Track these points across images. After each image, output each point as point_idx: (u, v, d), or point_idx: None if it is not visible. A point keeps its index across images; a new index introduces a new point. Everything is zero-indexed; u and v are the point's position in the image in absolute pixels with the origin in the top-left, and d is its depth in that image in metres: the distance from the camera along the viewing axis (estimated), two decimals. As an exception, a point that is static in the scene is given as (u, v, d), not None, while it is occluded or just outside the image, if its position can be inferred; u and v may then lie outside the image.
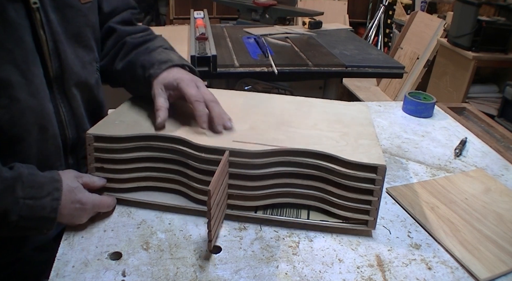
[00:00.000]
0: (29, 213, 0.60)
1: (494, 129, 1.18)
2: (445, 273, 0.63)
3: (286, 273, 0.61)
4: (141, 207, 0.73)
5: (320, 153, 0.67)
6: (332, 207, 0.70)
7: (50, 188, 0.63)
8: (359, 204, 0.68)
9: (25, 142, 0.68)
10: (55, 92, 0.73)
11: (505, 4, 2.71)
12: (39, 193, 0.61)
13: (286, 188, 0.71)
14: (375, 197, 0.67)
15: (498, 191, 0.83)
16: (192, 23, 2.02)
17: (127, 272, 0.59)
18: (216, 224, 0.64)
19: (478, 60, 2.52)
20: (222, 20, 4.35)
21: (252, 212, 0.71)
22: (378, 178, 0.66)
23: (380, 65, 1.74)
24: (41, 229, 0.63)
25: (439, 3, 3.44)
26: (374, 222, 0.68)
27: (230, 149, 0.66)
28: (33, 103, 0.68)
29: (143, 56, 0.82)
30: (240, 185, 0.69)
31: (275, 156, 0.68)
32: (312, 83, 1.86)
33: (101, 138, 0.70)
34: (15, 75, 0.65)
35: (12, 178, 0.61)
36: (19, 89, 0.65)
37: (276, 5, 2.53)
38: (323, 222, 0.70)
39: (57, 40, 0.71)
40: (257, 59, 1.68)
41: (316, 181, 0.70)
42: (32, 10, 0.66)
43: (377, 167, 0.65)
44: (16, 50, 0.65)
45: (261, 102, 0.88)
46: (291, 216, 0.71)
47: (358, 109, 0.88)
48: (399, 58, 3.04)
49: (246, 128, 0.74)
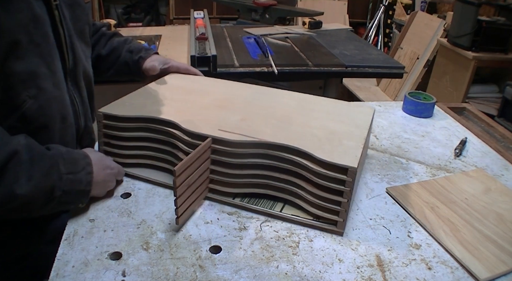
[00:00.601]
0: (70, 188, 0.65)
1: (494, 129, 1.18)
2: (445, 273, 0.63)
3: (286, 273, 0.61)
4: (136, 179, 0.81)
5: (296, 149, 0.69)
6: (305, 203, 0.71)
7: (83, 163, 0.69)
8: (330, 203, 0.68)
9: (51, 130, 0.74)
10: (69, 83, 0.80)
11: (505, 4, 2.71)
12: (76, 169, 0.67)
13: (263, 180, 0.73)
14: (345, 199, 0.67)
15: (498, 191, 0.83)
16: (192, 23, 2.02)
17: (127, 272, 0.59)
18: (188, 203, 0.69)
19: (478, 60, 2.52)
20: (222, 20, 4.35)
21: (230, 198, 0.75)
22: (348, 180, 0.65)
23: (380, 65, 1.74)
24: (77, 203, 0.68)
25: (439, 3, 3.44)
26: (344, 223, 0.68)
27: (212, 136, 0.72)
28: (56, 94, 0.74)
29: (124, 44, 1.02)
30: (221, 172, 0.74)
31: (254, 147, 0.71)
32: (312, 83, 1.86)
33: (109, 117, 0.79)
34: (42, 67, 0.70)
35: (55, 155, 0.66)
36: (45, 80, 0.71)
37: (276, 5, 2.53)
38: (293, 217, 0.71)
39: (71, 35, 0.78)
40: (257, 59, 1.68)
41: (292, 176, 0.71)
42: (52, 7, 0.72)
43: (347, 168, 0.65)
44: (42, 44, 0.70)
45: (266, 96, 0.91)
46: (266, 207, 0.73)
47: (362, 111, 0.88)
48: (399, 58, 3.04)
49: (237, 119, 0.78)
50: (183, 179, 0.66)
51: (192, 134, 0.74)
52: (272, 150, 0.70)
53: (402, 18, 3.62)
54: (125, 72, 1.02)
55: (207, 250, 0.64)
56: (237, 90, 0.93)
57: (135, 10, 4.48)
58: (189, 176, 0.67)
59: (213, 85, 0.96)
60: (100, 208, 0.73)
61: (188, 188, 0.68)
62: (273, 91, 0.95)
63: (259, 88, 0.95)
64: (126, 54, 1.00)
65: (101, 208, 0.72)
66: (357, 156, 0.68)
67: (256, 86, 0.97)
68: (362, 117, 0.84)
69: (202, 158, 0.71)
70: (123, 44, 1.02)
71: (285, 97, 0.92)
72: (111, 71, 1.03)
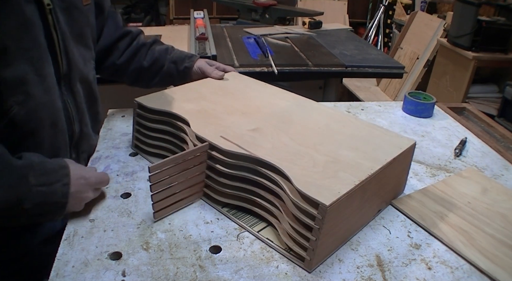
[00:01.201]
0: (42, 200, 0.63)
1: (494, 129, 1.18)
2: (445, 273, 0.63)
3: (286, 273, 0.61)
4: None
5: (280, 170, 0.65)
6: (281, 230, 0.66)
7: (59, 174, 0.66)
8: (301, 238, 0.61)
9: (38, 136, 0.72)
10: (62, 89, 0.78)
11: (505, 4, 2.71)
12: (50, 180, 0.64)
13: (250, 195, 0.71)
14: (313, 237, 0.59)
15: (495, 190, 0.83)
16: (192, 23, 2.02)
17: (127, 272, 0.59)
18: (170, 201, 0.70)
19: (478, 60, 2.52)
20: (222, 20, 4.35)
21: (219, 206, 0.74)
22: (318, 217, 0.58)
23: (380, 65, 1.74)
24: (54, 215, 0.66)
25: (439, 3, 3.44)
26: (311, 263, 0.61)
27: (209, 142, 0.72)
28: (46, 100, 0.72)
29: (166, 54, 1.03)
30: (213, 178, 0.74)
31: (244, 161, 0.69)
32: (312, 83, 1.86)
33: (141, 106, 0.86)
34: (31, 73, 0.68)
35: (24, 166, 0.63)
36: (34, 86, 0.69)
37: (276, 5, 2.53)
38: (268, 241, 0.66)
39: (66, 39, 0.76)
40: (257, 59, 1.68)
41: (276, 198, 0.67)
42: (46, 11, 0.70)
43: (318, 204, 0.58)
44: (32, 49, 0.68)
45: (300, 109, 0.87)
46: (248, 223, 0.70)
47: (395, 142, 0.75)
48: (399, 58, 3.04)
49: (249, 128, 0.77)
50: (161, 178, 0.67)
51: (196, 135, 0.75)
52: (260, 166, 0.68)
53: (402, 18, 3.62)
54: (169, 82, 1.05)
55: (207, 250, 0.64)
56: (277, 99, 0.91)
57: (135, 10, 4.48)
58: (172, 175, 0.69)
59: (258, 90, 0.95)
60: (100, 208, 0.73)
61: (171, 187, 0.69)
62: (313, 105, 0.89)
63: (303, 101, 0.91)
64: (170, 66, 1.02)
65: (101, 208, 0.72)
66: (339, 192, 0.59)
67: (302, 98, 0.92)
68: (389, 149, 0.72)
69: (195, 160, 0.72)
70: (165, 54, 1.03)
71: (321, 113, 0.85)
72: (155, 81, 1.04)
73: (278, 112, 0.85)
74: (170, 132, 0.83)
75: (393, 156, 0.70)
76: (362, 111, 1.19)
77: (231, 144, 0.71)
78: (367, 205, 0.69)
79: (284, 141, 0.73)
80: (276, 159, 0.67)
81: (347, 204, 0.62)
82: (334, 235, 0.63)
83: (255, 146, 0.70)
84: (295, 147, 0.71)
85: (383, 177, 0.69)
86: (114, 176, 0.82)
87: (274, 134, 0.76)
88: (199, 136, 0.74)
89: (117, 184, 0.79)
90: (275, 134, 0.75)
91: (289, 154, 0.69)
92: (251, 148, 0.69)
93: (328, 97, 1.89)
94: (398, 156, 0.71)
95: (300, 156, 0.69)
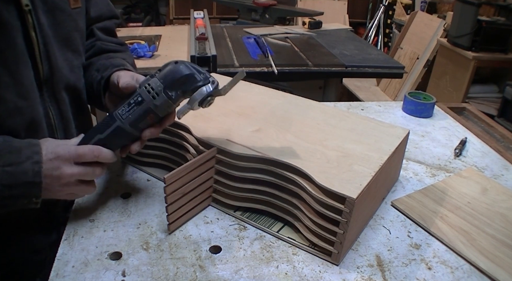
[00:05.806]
0: (11, 181, 0.58)
1: (494, 129, 1.18)
2: (445, 273, 0.63)
3: (286, 273, 0.61)
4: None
5: (298, 169, 0.65)
6: (303, 228, 0.66)
7: (28, 152, 0.60)
8: (326, 232, 0.63)
9: None
10: (44, 95, 0.73)
11: (505, 4, 2.71)
12: (17, 159, 0.59)
13: (265, 196, 0.70)
14: (341, 230, 0.61)
15: (494, 190, 0.83)
16: (192, 23, 2.02)
17: (127, 272, 0.59)
18: (183, 211, 0.68)
19: (478, 60, 2.53)
20: (222, 20, 4.35)
21: (231, 211, 0.73)
22: (346, 210, 0.59)
23: (380, 65, 1.74)
24: (29, 197, 0.61)
25: (439, 3, 3.44)
26: (339, 256, 0.63)
27: (217, 146, 0.70)
28: (22, 105, 0.67)
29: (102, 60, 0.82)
30: (224, 183, 0.72)
31: (257, 162, 0.68)
32: (312, 83, 1.86)
33: None
34: (4, 75, 0.64)
35: None
36: (6, 89, 0.65)
37: (276, 5, 2.53)
38: (289, 240, 0.67)
39: (48, 43, 0.71)
40: (257, 59, 1.68)
41: (293, 197, 0.67)
42: (24, 12, 0.66)
43: (345, 198, 0.59)
44: (7, 51, 0.64)
45: (295, 107, 0.87)
46: (265, 224, 0.70)
47: (392, 132, 0.79)
48: (399, 58, 3.04)
49: (252, 129, 0.76)
50: (176, 188, 0.65)
51: (200, 141, 0.73)
52: (274, 167, 0.67)
53: (402, 18, 3.62)
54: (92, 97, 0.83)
55: (207, 250, 0.64)
56: (268, 98, 0.90)
57: (135, 10, 4.49)
58: (185, 184, 0.66)
59: (245, 90, 0.94)
60: (100, 208, 0.73)
61: (184, 196, 0.67)
62: (306, 102, 0.90)
63: (294, 98, 0.91)
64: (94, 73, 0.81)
65: (101, 208, 0.72)
66: (361, 185, 0.61)
67: (292, 96, 0.92)
68: (389, 139, 0.76)
69: (205, 167, 0.70)
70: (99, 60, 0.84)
71: (315, 110, 0.86)
72: None
73: (274, 111, 0.85)
74: (166, 139, 0.79)
75: (395, 146, 0.74)
76: (362, 111, 1.19)
77: (240, 147, 0.70)
78: (377, 194, 0.73)
79: (290, 139, 0.74)
80: (290, 158, 0.67)
81: (366, 195, 0.64)
82: (356, 226, 0.65)
83: (265, 147, 0.70)
84: (303, 145, 0.72)
85: (388, 166, 0.72)
86: (114, 176, 0.82)
87: (278, 133, 0.76)
88: (204, 141, 0.72)
89: (117, 184, 0.79)
90: (279, 134, 0.75)
91: (300, 152, 0.70)
92: (261, 149, 0.69)
93: (328, 97, 1.89)
94: (399, 145, 0.76)
95: (311, 153, 0.70)
